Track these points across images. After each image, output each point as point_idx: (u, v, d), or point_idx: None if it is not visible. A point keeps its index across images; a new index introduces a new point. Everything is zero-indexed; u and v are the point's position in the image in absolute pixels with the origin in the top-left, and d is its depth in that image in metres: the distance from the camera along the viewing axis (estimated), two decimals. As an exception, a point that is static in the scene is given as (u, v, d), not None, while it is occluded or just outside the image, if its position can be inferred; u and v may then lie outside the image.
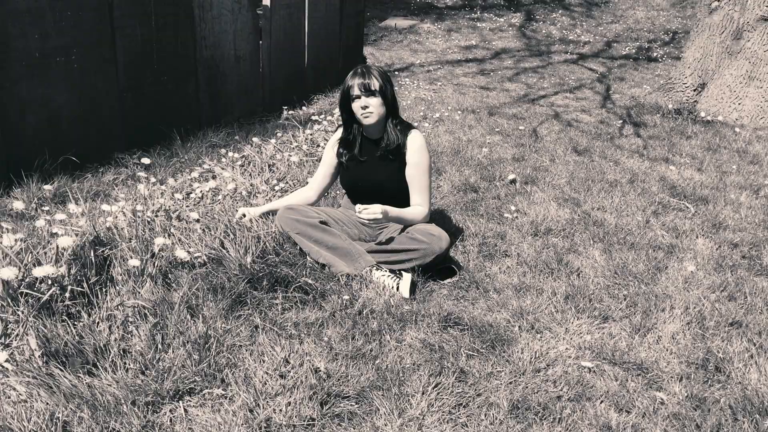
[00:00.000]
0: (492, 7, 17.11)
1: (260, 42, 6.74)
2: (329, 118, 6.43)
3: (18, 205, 3.20)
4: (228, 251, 2.92)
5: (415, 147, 3.25)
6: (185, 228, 3.12)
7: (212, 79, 5.99)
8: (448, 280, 3.22)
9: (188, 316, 2.53)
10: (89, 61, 4.52)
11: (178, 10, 5.38)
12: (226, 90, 6.23)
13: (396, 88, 8.81)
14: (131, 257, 2.70)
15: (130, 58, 4.91)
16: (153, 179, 3.97)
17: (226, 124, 6.02)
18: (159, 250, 2.81)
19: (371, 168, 3.32)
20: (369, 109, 3.16)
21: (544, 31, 14.83)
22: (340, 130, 3.40)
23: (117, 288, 2.60)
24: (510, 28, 15.00)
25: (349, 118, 3.29)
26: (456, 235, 3.73)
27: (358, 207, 3.07)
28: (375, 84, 3.16)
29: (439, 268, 3.22)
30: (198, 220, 3.16)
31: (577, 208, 4.32)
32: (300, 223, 3.16)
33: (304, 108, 7.20)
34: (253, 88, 6.68)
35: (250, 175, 4.27)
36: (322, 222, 3.21)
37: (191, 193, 3.75)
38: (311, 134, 5.47)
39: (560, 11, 16.79)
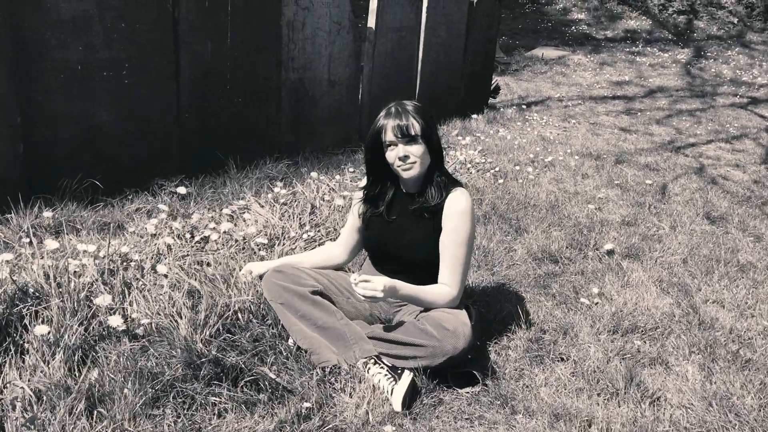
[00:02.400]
0: (657, 41, 15.67)
1: (362, 66, 6.23)
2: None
3: (-10, 235, 2.83)
4: (180, 321, 2.35)
5: (455, 210, 2.52)
6: (151, 283, 2.59)
7: (298, 104, 5.54)
8: (468, 389, 2.44)
9: (83, 412, 1.97)
10: (143, 77, 4.19)
11: (261, 27, 4.97)
12: (315, 116, 5.76)
13: (518, 124, 8.00)
14: (51, 320, 2.19)
15: (195, 76, 4.55)
16: (165, 215, 3.50)
17: (311, 152, 5.55)
18: (92, 314, 2.29)
19: (401, 227, 2.63)
20: (410, 160, 2.48)
21: (713, 70, 13.26)
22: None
23: (24, 360, 2.10)
24: (673, 65, 13.56)
25: (378, 169, 2.62)
26: (506, 321, 2.93)
27: (353, 277, 2.39)
28: (415, 126, 2.47)
29: (458, 372, 2.45)
30: (166, 275, 2.62)
31: (684, 298, 3.34)
32: (287, 292, 2.52)
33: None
34: (348, 115, 6.17)
35: (290, 216, 3.70)
36: (315, 292, 2.55)
37: (200, 235, 3.24)
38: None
39: (737, 48, 15.03)
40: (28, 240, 2.93)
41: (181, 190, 3.87)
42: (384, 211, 2.65)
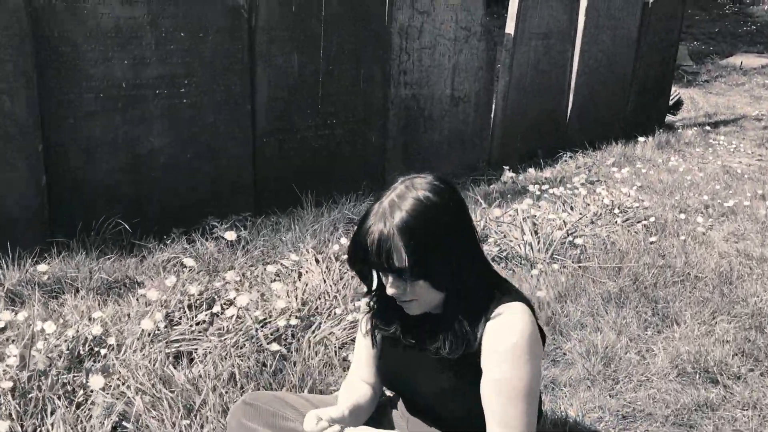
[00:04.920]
0: None
1: (495, 80, 5.26)
2: (570, 185, 4.67)
3: (-55, 301, 2.27)
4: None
5: (502, 349, 1.48)
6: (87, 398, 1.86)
7: (410, 125, 4.69)
8: None
9: None
10: (208, 96, 3.56)
11: (366, 35, 4.19)
12: (430, 139, 4.87)
13: (698, 150, 6.55)
14: None
15: (277, 94, 3.86)
16: (189, 272, 2.80)
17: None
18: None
19: (420, 363, 1.65)
20: (405, 298, 1.51)
21: None
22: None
23: None
24: None
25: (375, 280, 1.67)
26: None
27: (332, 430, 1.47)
28: (399, 257, 1.44)
29: None
30: (103, 389, 1.87)
31: None
32: (251, 439, 1.66)
33: (549, 167, 5.49)
34: (474, 137, 5.21)
35: (348, 281, 2.87)
36: (295, 440, 1.67)
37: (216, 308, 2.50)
38: (513, 213, 3.81)
39: None
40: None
41: (230, 235, 3.17)
42: (399, 333, 1.69)
